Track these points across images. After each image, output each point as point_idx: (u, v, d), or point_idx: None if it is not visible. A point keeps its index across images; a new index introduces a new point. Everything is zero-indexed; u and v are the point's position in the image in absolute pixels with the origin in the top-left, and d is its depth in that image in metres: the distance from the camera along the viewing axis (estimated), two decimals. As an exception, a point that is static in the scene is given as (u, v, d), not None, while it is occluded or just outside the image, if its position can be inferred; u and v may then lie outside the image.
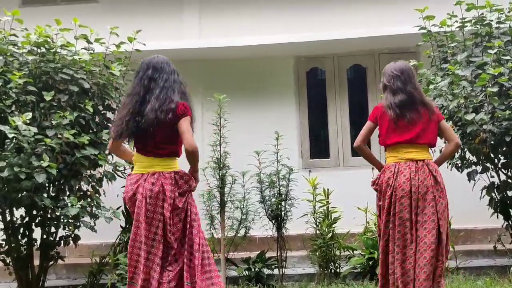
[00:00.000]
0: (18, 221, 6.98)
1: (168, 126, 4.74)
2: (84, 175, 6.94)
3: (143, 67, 4.94)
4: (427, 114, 5.12)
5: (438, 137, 5.30)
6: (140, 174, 4.80)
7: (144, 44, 7.47)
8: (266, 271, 7.81)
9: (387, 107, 5.15)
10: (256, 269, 7.73)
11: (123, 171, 7.34)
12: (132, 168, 5.14)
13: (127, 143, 5.13)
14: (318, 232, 7.86)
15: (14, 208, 6.78)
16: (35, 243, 7.11)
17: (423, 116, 5.10)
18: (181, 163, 4.90)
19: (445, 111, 7.06)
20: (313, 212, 7.95)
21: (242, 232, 8.06)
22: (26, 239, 7.01)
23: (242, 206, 8.01)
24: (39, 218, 6.95)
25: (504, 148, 6.98)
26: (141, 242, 4.69)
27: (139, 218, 4.71)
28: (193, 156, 4.77)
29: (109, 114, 7.40)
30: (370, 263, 7.49)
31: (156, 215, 4.69)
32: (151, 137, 4.76)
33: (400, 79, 5.19)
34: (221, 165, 7.81)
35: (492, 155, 7.15)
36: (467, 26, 7.60)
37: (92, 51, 7.27)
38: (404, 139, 5.09)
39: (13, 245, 6.91)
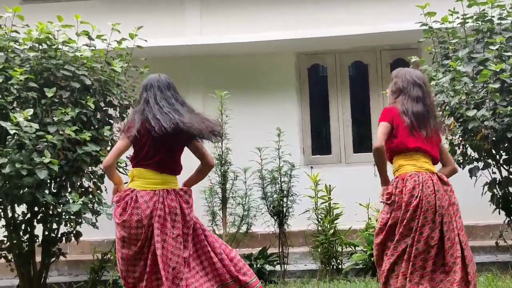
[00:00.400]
0: (20, 218, 6.99)
1: (185, 145, 4.90)
2: (85, 171, 6.93)
3: (164, 84, 4.90)
4: (436, 130, 4.91)
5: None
6: (152, 191, 4.71)
7: (146, 41, 7.47)
8: (268, 267, 7.82)
9: (403, 113, 4.81)
10: (258, 265, 7.73)
11: (125, 167, 7.34)
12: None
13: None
14: (320, 228, 7.87)
15: (16, 205, 6.80)
16: (37, 240, 7.11)
17: (432, 130, 4.85)
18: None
19: (447, 107, 7.06)
20: (315, 208, 7.96)
21: (244, 228, 8.06)
22: (28, 235, 7.02)
23: (244, 203, 8.03)
24: (41, 214, 6.95)
25: (506, 144, 6.98)
26: (164, 262, 4.62)
27: (163, 237, 4.64)
28: (208, 173, 5.14)
29: (110, 111, 7.41)
30: (372, 259, 7.47)
31: (179, 230, 4.71)
32: (170, 152, 4.79)
33: (422, 89, 4.90)
34: (223, 162, 7.83)
35: (493, 152, 7.15)
36: (468, 22, 7.59)
37: (93, 48, 7.26)
38: (424, 147, 4.79)
39: (14, 241, 6.91)
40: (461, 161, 7.50)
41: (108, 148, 7.11)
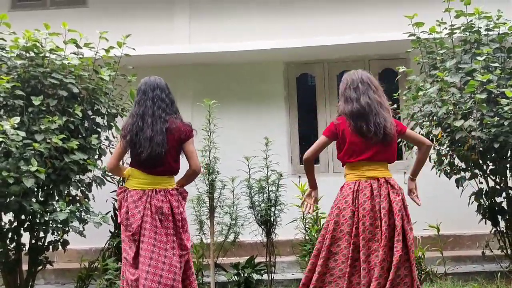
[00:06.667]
0: (7, 226, 6.92)
1: (178, 147, 5.02)
2: (73, 180, 6.91)
3: (149, 87, 5.06)
4: (385, 127, 4.84)
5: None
6: (141, 190, 4.92)
7: (134, 49, 7.47)
8: (255, 276, 7.81)
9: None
10: (245, 274, 7.73)
11: (112, 176, 7.32)
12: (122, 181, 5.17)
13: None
14: (307, 237, 7.87)
15: (3, 213, 6.74)
16: (24, 248, 7.06)
17: (380, 128, 4.85)
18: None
19: (434, 117, 7.09)
20: (302, 217, 7.96)
21: (231, 237, 8.05)
22: (14, 243, 6.95)
23: (231, 212, 8.01)
24: (28, 222, 6.88)
25: (493, 155, 7.01)
26: (155, 259, 4.79)
27: (149, 234, 4.82)
28: (195, 177, 5.21)
29: (98, 119, 7.38)
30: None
31: (170, 230, 4.90)
32: (160, 156, 4.89)
33: (357, 89, 4.95)
34: (210, 170, 7.80)
35: (480, 162, 7.17)
36: (456, 33, 7.62)
37: (81, 56, 7.24)
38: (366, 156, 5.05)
39: (1, 250, 6.84)
40: (448, 171, 7.53)
41: (96, 157, 7.11)
